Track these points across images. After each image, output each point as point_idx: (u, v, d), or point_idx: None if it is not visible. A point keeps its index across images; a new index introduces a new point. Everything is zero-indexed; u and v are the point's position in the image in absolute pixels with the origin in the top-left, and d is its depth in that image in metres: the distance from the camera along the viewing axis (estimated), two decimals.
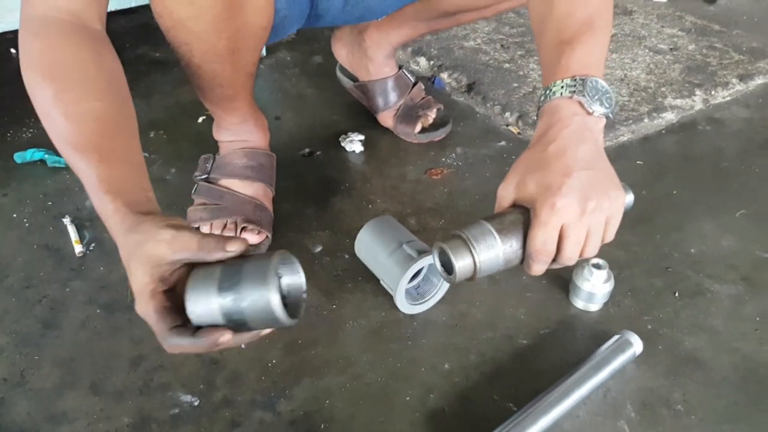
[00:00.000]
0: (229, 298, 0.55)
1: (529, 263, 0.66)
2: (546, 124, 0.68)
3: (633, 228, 1.09)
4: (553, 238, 0.64)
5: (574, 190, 0.62)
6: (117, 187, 0.63)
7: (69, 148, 0.65)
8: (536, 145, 0.67)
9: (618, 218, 0.67)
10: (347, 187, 1.21)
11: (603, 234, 0.66)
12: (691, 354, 0.87)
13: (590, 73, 0.68)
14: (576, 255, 0.66)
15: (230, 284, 0.55)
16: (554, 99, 0.68)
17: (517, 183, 0.67)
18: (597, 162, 0.66)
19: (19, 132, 1.35)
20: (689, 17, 1.90)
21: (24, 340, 0.90)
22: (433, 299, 0.94)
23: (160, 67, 1.62)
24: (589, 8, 0.72)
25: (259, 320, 0.56)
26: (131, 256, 0.58)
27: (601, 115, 0.68)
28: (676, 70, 1.59)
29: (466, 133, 1.37)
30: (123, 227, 0.60)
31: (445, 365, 0.86)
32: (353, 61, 1.33)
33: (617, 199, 0.65)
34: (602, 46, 0.73)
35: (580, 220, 0.63)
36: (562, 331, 0.91)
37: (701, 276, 1.00)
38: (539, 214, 0.63)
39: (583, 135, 0.66)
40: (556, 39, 0.72)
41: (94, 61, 0.69)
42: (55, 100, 0.65)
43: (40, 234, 1.08)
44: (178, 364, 0.86)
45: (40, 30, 0.68)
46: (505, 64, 1.61)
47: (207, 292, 0.56)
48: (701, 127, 1.40)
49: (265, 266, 0.55)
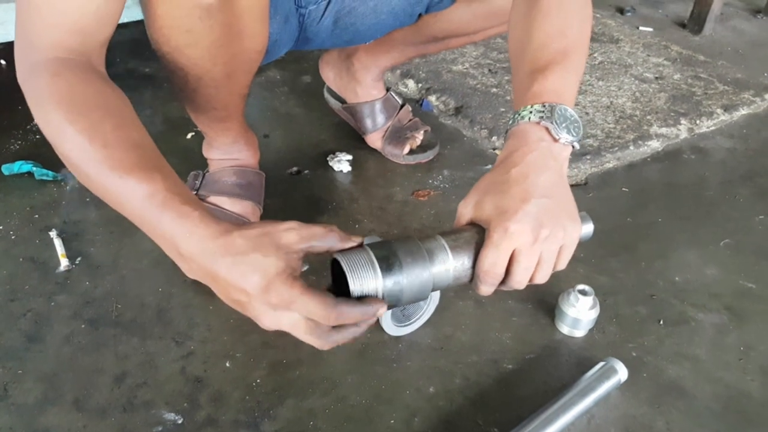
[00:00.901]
0: (391, 276, 0.62)
1: (477, 283, 0.67)
2: (511, 147, 0.69)
3: (617, 255, 1.10)
4: (502, 260, 0.64)
5: (529, 217, 0.63)
6: (191, 197, 0.62)
7: (116, 173, 0.62)
8: (499, 167, 0.68)
9: (571, 248, 0.67)
10: (334, 206, 1.21)
11: (555, 262, 0.67)
12: (674, 382, 0.88)
13: (560, 101, 0.69)
14: (525, 280, 0.66)
15: (388, 264, 0.62)
16: (522, 123, 0.69)
17: (476, 202, 0.67)
18: (557, 190, 0.66)
19: (7, 144, 1.33)
20: (675, 47, 1.93)
21: (7, 353, 0.88)
22: (418, 321, 0.94)
23: (149, 82, 1.62)
24: (566, 40, 0.74)
25: (412, 294, 0.64)
26: (251, 250, 0.57)
27: (567, 142, 0.69)
28: (661, 99, 1.61)
29: (453, 155, 1.38)
30: (215, 230, 0.59)
31: (429, 388, 0.86)
32: (341, 84, 1.34)
33: (573, 230, 0.66)
34: (574, 77, 0.74)
35: (532, 246, 0.64)
36: (547, 357, 0.91)
37: (685, 304, 1.01)
38: (492, 236, 0.64)
39: (546, 162, 0.67)
40: (531, 67, 0.73)
41: (117, 96, 0.69)
42: (91, 131, 0.63)
43: (26, 247, 1.07)
44: (162, 381, 0.85)
45: (57, 70, 0.67)
46: (492, 88, 1.63)
47: (367, 271, 0.61)
48: (686, 156, 1.42)
49: (415, 248, 0.63)
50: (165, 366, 0.88)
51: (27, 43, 0.69)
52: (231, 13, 0.77)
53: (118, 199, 0.63)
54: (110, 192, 0.63)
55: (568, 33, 0.75)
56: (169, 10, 0.74)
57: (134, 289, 1.00)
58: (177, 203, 0.60)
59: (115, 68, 1.68)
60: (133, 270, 1.03)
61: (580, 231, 0.68)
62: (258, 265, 0.57)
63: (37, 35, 0.68)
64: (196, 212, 0.60)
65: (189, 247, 0.60)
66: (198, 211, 0.60)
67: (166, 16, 0.75)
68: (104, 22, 0.70)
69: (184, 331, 0.93)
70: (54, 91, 0.66)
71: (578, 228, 0.67)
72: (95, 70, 0.71)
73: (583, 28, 0.78)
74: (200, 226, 0.59)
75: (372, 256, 0.63)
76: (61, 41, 0.68)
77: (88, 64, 0.70)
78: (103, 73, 0.72)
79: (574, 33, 0.75)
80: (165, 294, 0.99)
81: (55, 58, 0.67)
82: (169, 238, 0.61)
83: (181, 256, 0.61)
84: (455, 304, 0.99)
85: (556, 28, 0.75)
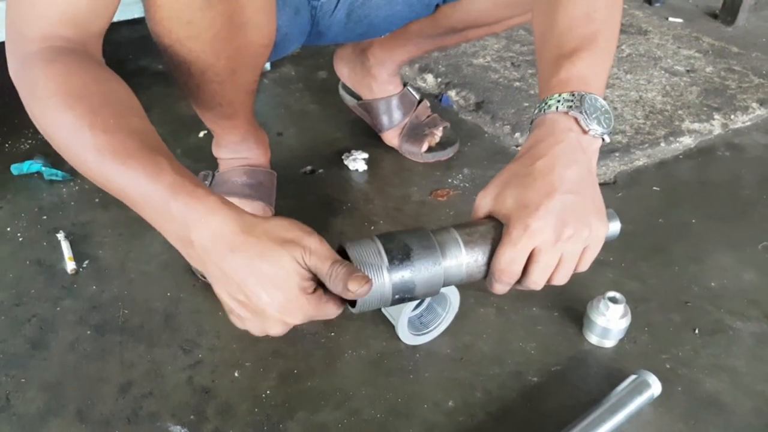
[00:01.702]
0: (403, 270, 0.60)
1: (492, 281, 0.64)
2: (537, 137, 0.65)
3: (649, 259, 1.05)
4: (520, 259, 0.61)
5: (552, 213, 0.60)
6: (200, 182, 0.59)
7: (119, 158, 0.59)
8: (523, 158, 0.64)
9: (596, 249, 0.64)
10: (349, 207, 1.17)
11: (577, 263, 0.64)
12: (711, 396, 0.83)
13: (589, 89, 0.65)
14: (543, 281, 0.63)
15: (397, 256, 0.60)
16: (549, 113, 0.65)
17: (497, 194, 0.64)
18: (584, 186, 0.63)
19: (17, 143, 1.32)
20: (706, 38, 1.86)
21: (11, 361, 0.86)
22: (436, 330, 0.90)
23: (161, 79, 1.59)
24: (594, 24, 0.69)
25: (422, 289, 0.61)
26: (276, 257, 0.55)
27: (597, 134, 0.65)
28: (693, 93, 1.55)
29: (474, 153, 1.34)
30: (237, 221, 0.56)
31: (448, 402, 0.82)
32: (356, 80, 1.31)
33: (598, 229, 0.63)
34: (604, 64, 0.70)
35: (553, 245, 0.60)
36: (574, 369, 0.87)
37: (722, 312, 0.96)
38: (511, 233, 0.61)
39: (574, 155, 0.63)
40: (556, 52, 0.69)
41: (116, 82, 0.67)
42: (90, 116, 0.60)
43: (33, 249, 1.05)
44: (168, 391, 0.82)
45: (51, 57, 0.64)
46: (515, 82, 1.58)
47: (375, 261, 0.59)
48: (720, 153, 1.37)
49: (426, 240, 0.61)
50: (172, 375, 0.84)
51: (18, 34, 0.67)
52: (233, 3, 0.74)
53: (120, 184, 0.59)
54: (111, 178, 0.59)
55: (595, 16, 0.70)
56: (168, 1, 0.72)
57: (142, 293, 0.97)
58: (189, 186, 0.57)
59: (127, 66, 1.66)
60: (142, 273, 1.00)
61: (607, 231, 0.65)
62: (280, 281, 0.55)
63: (29, 27, 0.66)
64: (212, 197, 0.57)
65: (202, 234, 0.56)
66: (214, 195, 0.57)
67: (166, 7, 0.72)
68: (98, 14, 0.67)
69: (192, 338, 0.90)
70: (49, 78, 0.63)
71: (605, 228, 0.64)
72: (92, 58, 0.68)
73: (613, 12, 0.73)
74: (220, 213, 0.56)
75: (380, 246, 0.60)
76: (53, 32, 0.65)
77: (85, 51, 0.67)
78: (100, 61, 0.69)
79: (602, 16, 0.71)
80: (173, 299, 0.96)
81: (50, 47, 0.65)
82: (179, 222, 0.57)
83: (190, 242, 0.57)
84: (476, 312, 0.94)
85: (582, 10, 0.70)
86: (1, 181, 1.21)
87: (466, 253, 0.63)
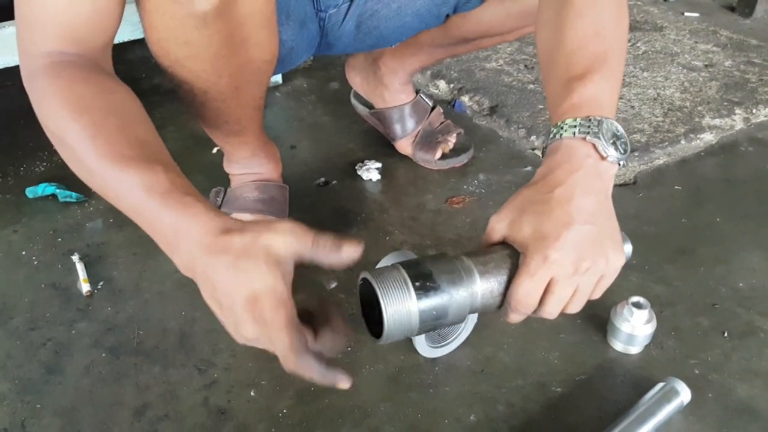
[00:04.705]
0: (427, 299, 0.59)
1: (507, 311, 0.64)
2: (553, 163, 0.64)
3: (674, 261, 1.02)
4: (538, 291, 0.61)
5: (570, 245, 0.59)
6: (193, 190, 0.59)
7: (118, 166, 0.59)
8: (540, 184, 0.64)
9: (611, 279, 0.64)
10: (364, 218, 1.16)
11: (591, 293, 0.64)
12: (744, 403, 0.80)
13: (603, 113, 0.64)
14: (557, 311, 0.63)
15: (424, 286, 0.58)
16: (565, 138, 0.64)
17: (512, 220, 0.63)
18: (601, 217, 0.62)
19: (32, 166, 1.33)
20: (724, 32, 1.82)
21: (26, 387, 0.86)
22: (456, 341, 0.88)
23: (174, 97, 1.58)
24: (604, 43, 0.68)
25: (448, 320, 0.61)
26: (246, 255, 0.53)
27: (615, 160, 0.64)
28: (712, 88, 1.51)
29: (489, 158, 1.32)
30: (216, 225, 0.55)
31: (470, 417, 0.80)
32: (368, 89, 1.30)
33: (615, 260, 0.62)
34: (615, 84, 0.69)
35: (570, 277, 0.60)
36: (600, 378, 0.84)
37: (752, 313, 0.93)
38: (529, 263, 0.60)
39: (592, 183, 0.62)
40: (566, 74, 0.68)
41: (121, 92, 0.67)
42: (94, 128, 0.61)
43: (48, 272, 1.05)
44: (184, 413, 0.81)
45: (55, 72, 0.65)
46: (529, 85, 1.56)
47: (401, 293, 0.58)
48: (743, 149, 1.33)
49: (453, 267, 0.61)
50: (187, 397, 0.83)
51: (24, 52, 0.68)
52: (230, 21, 0.73)
53: (116, 191, 0.60)
54: (109, 184, 0.60)
55: (604, 33, 0.69)
56: (164, 22, 0.71)
57: (157, 313, 0.96)
58: (179, 194, 0.57)
59: (141, 85, 1.66)
60: (156, 293, 1.00)
61: (623, 261, 0.64)
62: (251, 275, 0.53)
63: (33, 45, 0.66)
64: (199, 204, 0.57)
65: (188, 239, 0.56)
66: (201, 203, 0.57)
67: (162, 28, 0.72)
68: (98, 31, 0.68)
69: (207, 357, 0.88)
70: (53, 93, 0.64)
71: (621, 258, 0.63)
72: (98, 67, 0.68)
73: (620, 30, 0.72)
74: (203, 219, 0.56)
75: (406, 276, 0.59)
76: (56, 49, 0.66)
77: (91, 62, 0.67)
78: (107, 71, 0.70)
79: (611, 34, 0.70)
80: (188, 318, 0.95)
81: (52, 62, 0.65)
82: (169, 230, 0.57)
83: (178, 250, 0.57)
84: (496, 322, 0.92)
85: (591, 29, 0.69)
86: (17, 204, 1.21)
87: (480, 282, 0.62)
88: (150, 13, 0.71)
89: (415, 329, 0.60)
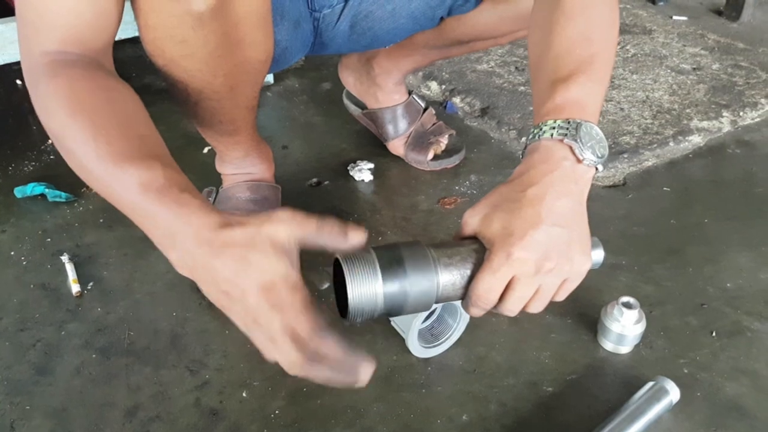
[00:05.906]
0: (395, 283, 0.59)
1: (468, 305, 0.64)
2: (530, 163, 0.64)
3: (663, 261, 1.03)
4: (498, 288, 0.61)
5: (535, 245, 0.59)
6: (190, 186, 0.59)
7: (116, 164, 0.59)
8: (515, 182, 0.64)
9: (575, 283, 0.64)
10: (356, 218, 1.16)
11: (554, 294, 0.63)
12: (733, 401, 0.81)
13: (584, 115, 0.64)
14: (517, 309, 0.63)
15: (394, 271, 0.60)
16: (543, 139, 0.64)
17: (485, 216, 0.63)
18: (573, 220, 0.62)
19: (21, 165, 1.31)
20: (712, 35, 1.84)
21: (16, 387, 0.85)
22: (448, 341, 0.88)
23: (166, 96, 1.57)
24: (592, 47, 0.68)
25: (417, 304, 0.61)
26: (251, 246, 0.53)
27: (591, 164, 0.64)
28: (700, 91, 1.53)
29: (481, 159, 1.33)
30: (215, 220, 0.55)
31: (462, 416, 0.80)
32: (361, 89, 1.30)
33: (581, 264, 0.62)
34: (600, 89, 0.68)
35: (532, 277, 0.60)
36: (590, 377, 0.85)
37: (740, 313, 0.94)
38: (492, 260, 0.60)
39: (566, 186, 0.62)
40: (552, 76, 0.68)
41: (122, 90, 0.67)
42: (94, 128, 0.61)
43: (38, 273, 1.04)
44: (176, 414, 0.80)
45: (55, 72, 0.64)
46: (520, 87, 1.57)
47: (369, 278, 0.59)
48: (731, 151, 1.35)
49: (420, 254, 0.61)
50: (179, 397, 0.83)
51: (27, 52, 0.67)
52: (227, 21, 0.73)
53: (113, 188, 0.59)
54: (107, 182, 0.60)
55: (593, 39, 0.69)
56: (160, 20, 0.71)
57: (148, 314, 0.96)
58: (176, 191, 0.57)
59: (131, 83, 1.58)
60: (147, 294, 0.99)
61: (589, 266, 0.64)
62: (262, 266, 0.53)
63: (35, 44, 0.66)
64: (195, 201, 0.57)
65: (185, 236, 0.56)
66: (197, 199, 0.57)
67: (158, 26, 0.71)
68: (101, 30, 0.67)
69: (199, 358, 0.88)
70: (53, 92, 0.63)
71: (587, 263, 0.63)
72: (99, 66, 0.68)
73: (610, 34, 0.72)
74: (199, 215, 0.56)
75: (374, 258, 0.60)
76: (58, 49, 0.65)
77: (91, 60, 0.67)
78: (108, 69, 0.69)
79: (600, 39, 0.70)
80: (179, 318, 0.94)
81: (53, 60, 0.65)
82: (164, 227, 0.57)
83: (174, 247, 0.57)
84: (488, 321, 0.92)
85: (580, 33, 0.69)
86: (5, 204, 1.20)
87: (443, 274, 0.62)
88: (146, 12, 0.70)
89: (379, 309, 0.60)
